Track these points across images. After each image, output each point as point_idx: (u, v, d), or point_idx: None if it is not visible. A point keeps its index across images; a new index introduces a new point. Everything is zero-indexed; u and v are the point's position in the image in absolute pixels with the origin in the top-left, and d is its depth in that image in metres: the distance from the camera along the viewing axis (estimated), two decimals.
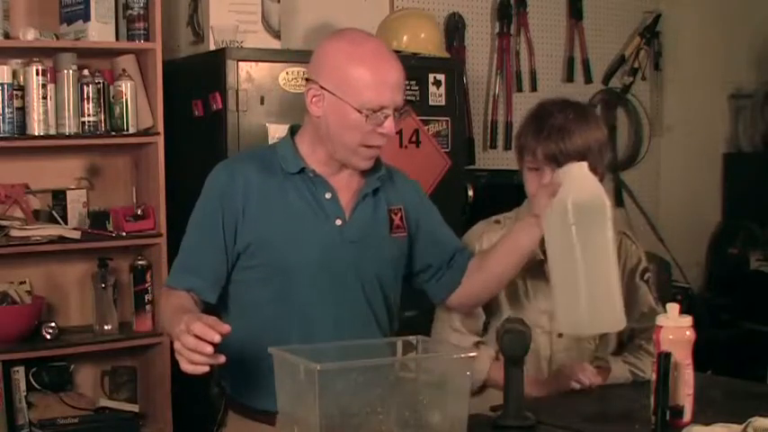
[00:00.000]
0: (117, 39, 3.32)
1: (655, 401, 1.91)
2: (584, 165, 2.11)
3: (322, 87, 2.06)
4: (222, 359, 1.77)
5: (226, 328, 1.77)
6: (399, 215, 2.22)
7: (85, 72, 3.27)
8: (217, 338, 1.74)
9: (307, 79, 2.12)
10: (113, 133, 3.31)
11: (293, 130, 2.21)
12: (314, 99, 2.07)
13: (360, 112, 2.02)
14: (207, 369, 1.77)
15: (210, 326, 1.75)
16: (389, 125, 2.05)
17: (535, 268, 2.34)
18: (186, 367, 1.77)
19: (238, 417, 2.15)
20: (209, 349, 1.74)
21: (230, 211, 2.10)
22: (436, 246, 2.30)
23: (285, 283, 2.09)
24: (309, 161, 2.13)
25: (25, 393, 3.24)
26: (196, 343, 1.74)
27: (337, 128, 2.06)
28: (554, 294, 2.14)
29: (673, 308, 2.00)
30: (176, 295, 2.08)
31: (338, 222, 2.12)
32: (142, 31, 3.31)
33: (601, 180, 2.40)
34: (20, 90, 3.14)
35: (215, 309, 2.15)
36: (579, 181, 2.07)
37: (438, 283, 2.31)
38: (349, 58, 2.04)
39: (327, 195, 2.12)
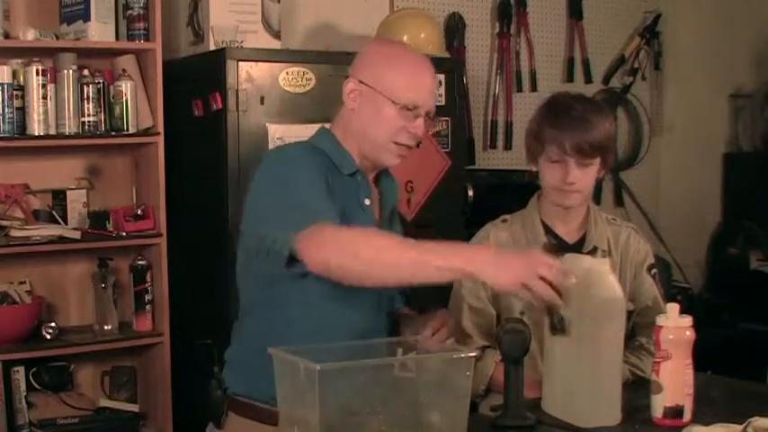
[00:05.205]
0: (117, 39, 3.32)
1: None
2: (608, 261, 2.10)
3: (360, 82, 2.09)
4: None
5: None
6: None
7: (85, 72, 3.27)
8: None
9: (346, 77, 2.15)
10: (113, 133, 3.32)
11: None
12: (351, 94, 2.11)
13: (395, 103, 2.05)
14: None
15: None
16: (420, 124, 2.08)
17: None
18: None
19: (240, 419, 2.14)
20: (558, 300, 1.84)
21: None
22: None
23: (309, 285, 2.01)
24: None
25: (25, 393, 3.24)
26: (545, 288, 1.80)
27: (370, 121, 2.09)
28: (551, 379, 2.10)
29: (673, 308, 2.00)
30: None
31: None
32: (142, 31, 3.31)
33: (603, 175, 2.40)
34: (20, 90, 3.14)
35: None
36: (601, 276, 2.02)
37: None
38: (390, 57, 2.12)
39: (366, 202, 2.12)
